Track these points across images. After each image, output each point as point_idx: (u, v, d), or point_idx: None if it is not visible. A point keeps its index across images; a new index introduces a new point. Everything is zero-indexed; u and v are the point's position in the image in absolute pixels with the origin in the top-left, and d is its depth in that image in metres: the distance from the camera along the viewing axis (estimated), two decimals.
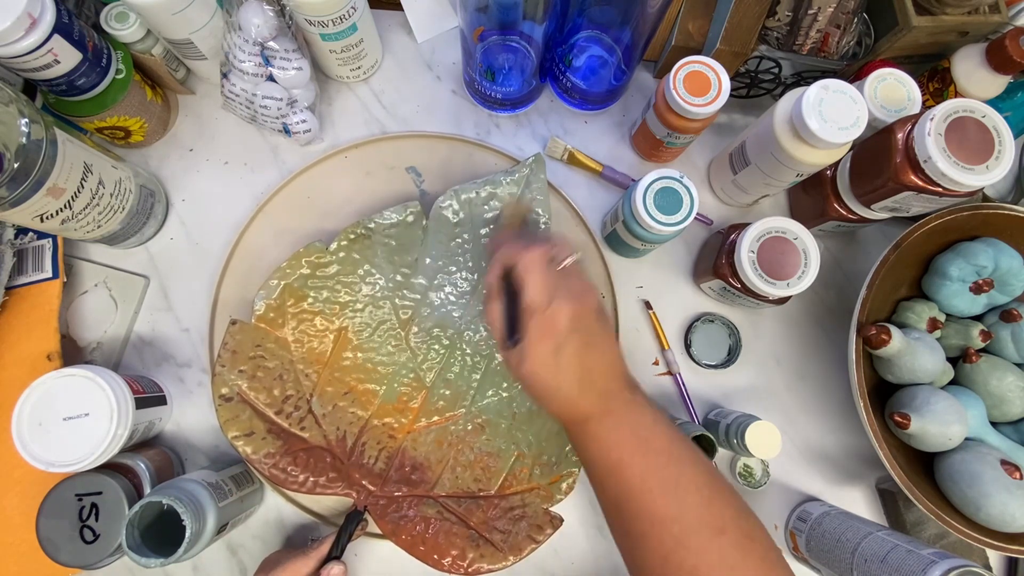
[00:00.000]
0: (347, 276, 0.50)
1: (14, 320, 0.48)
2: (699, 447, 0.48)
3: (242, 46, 0.47)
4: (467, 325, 0.51)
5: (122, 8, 0.48)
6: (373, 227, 0.50)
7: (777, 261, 0.46)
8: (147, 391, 0.47)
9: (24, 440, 0.41)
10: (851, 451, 0.55)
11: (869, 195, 0.47)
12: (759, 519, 0.36)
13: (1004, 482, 0.44)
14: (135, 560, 0.39)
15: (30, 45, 0.41)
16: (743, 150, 0.50)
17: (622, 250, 0.55)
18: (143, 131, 0.53)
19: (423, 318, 0.51)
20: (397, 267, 0.51)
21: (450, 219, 0.51)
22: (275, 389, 0.48)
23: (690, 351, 0.55)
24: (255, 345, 0.48)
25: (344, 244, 0.50)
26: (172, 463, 0.49)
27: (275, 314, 0.49)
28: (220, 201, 0.55)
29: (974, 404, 0.48)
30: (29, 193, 0.40)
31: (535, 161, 0.53)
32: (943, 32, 0.52)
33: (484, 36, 0.50)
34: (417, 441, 0.49)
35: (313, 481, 0.46)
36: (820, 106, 0.43)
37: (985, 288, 0.49)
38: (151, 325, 0.53)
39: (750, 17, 0.51)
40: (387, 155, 0.56)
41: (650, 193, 0.46)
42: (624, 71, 0.54)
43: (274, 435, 0.46)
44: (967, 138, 0.40)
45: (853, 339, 0.47)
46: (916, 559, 0.40)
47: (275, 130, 0.53)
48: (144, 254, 0.54)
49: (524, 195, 0.52)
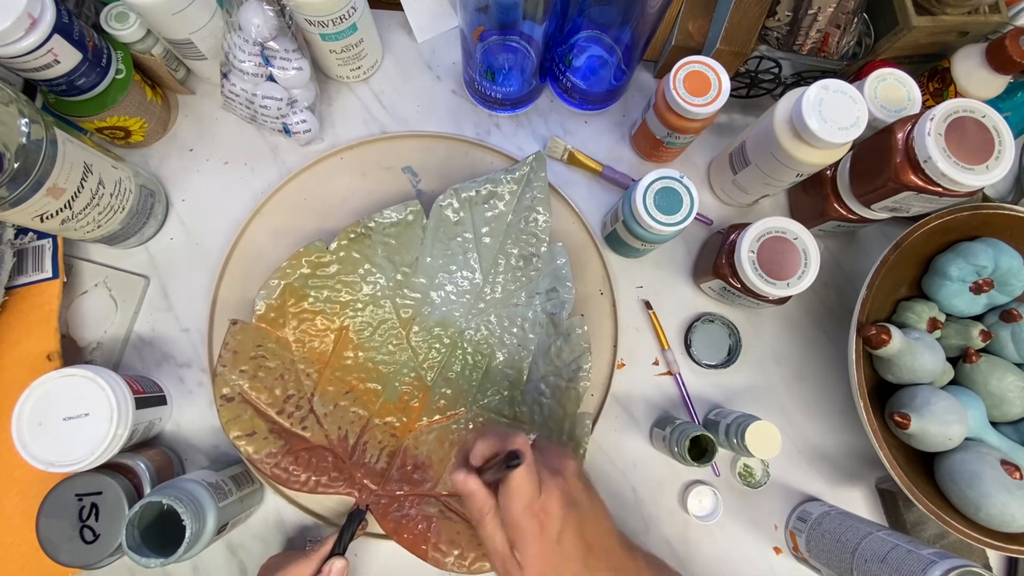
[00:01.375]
0: (348, 275, 0.50)
1: (14, 320, 0.48)
2: (697, 447, 0.48)
3: (242, 46, 0.47)
4: (468, 324, 0.51)
5: (122, 8, 0.48)
6: (373, 226, 0.50)
7: (777, 261, 0.46)
8: (147, 391, 0.47)
9: (24, 440, 0.41)
10: (851, 451, 0.55)
11: (869, 195, 0.47)
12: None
13: (1004, 482, 0.44)
14: (135, 560, 0.39)
15: (30, 45, 0.41)
16: (743, 150, 0.50)
17: (622, 250, 0.55)
18: (143, 131, 0.53)
19: (424, 317, 0.51)
20: (397, 266, 0.51)
21: (450, 218, 0.51)
22: (276, 389, 0.48)
23: (690, 351, 0.55)
24: (256, 345, 0.48)
25: (344, 243, 0.50)
26: (172, 463, 0.49)
27: (276, 314, 0.49)
28: (220, 201, 0.55)
29: (974, 404, 0.48)
30: (29, 193, 0.40)
31: (535, 159, 0.53)
32: (943, 32, 0.52)
33: (484, 36, 0.50)
34: (419, 440, 0.49)
35: (315, 480, 0.46)
36: (820, 106, 0.43)
37: (985, 288, 0.49)
38: (151, 325, 0.53)
39: (750, 17, 0.51)
40: (387, 155, 0.56)
41: (650, 193, 0.46)
42: (624, 71, 0.54)
43: (276, 435, 0.46)
44: (967, 138, 0.40)
45: (853, 339, 0.47)
46: (916, 559, 0.40)
47: (275, 130, 0.53)
48: (144, 254, 0.54)
49: (524, 194, 0.52)
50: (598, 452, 0.53)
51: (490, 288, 0.51)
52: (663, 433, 0.50)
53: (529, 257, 0.52)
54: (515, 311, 0.51)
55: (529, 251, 0.52)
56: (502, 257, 0.52)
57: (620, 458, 0.53)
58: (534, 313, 0.51)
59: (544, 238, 0.52)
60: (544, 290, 0.51)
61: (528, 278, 0.51)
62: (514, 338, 0.51)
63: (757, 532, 0.53)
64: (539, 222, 0.52)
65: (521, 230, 0.52)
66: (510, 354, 0.51)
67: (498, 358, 0.51)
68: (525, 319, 0.51)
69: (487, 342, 0.51)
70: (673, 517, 0.53)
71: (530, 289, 0.51)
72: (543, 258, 0.52)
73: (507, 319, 0.51)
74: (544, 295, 0.51)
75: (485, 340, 0.51)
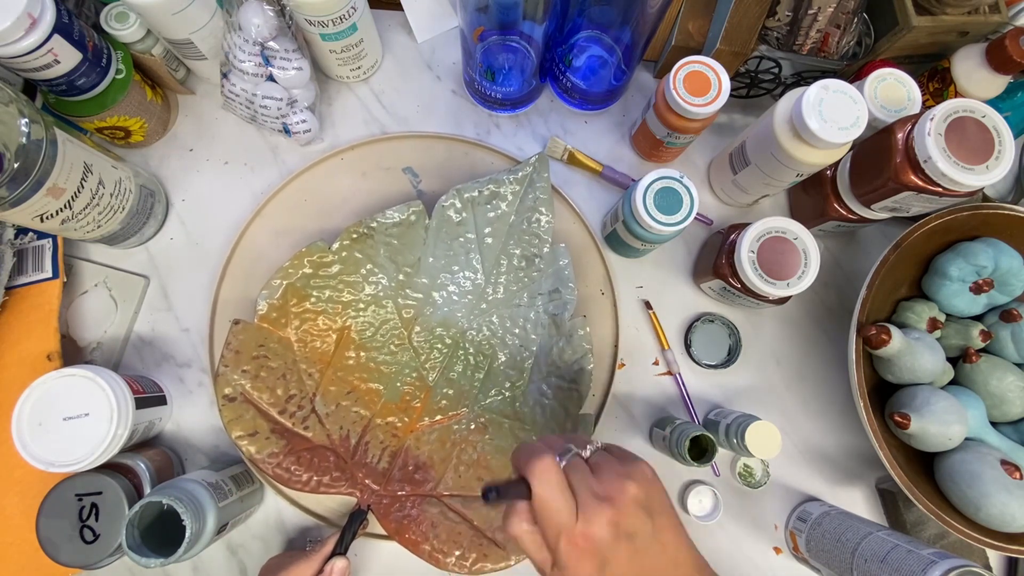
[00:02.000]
0: (350, 275, 0.50)
1: (14, 320, 0.48)
2: (697, 447, 0.48)
3: (242, 46, 0.47)
4: (470, 324, 0.51)
5: (122, 8, 0.48)
6: (375, 226, 0.50)
7: (777, 261, 0.46)
8: (147, 391, 0.47)
9: (24, 440, 0.41)
10: (851, 451, 0.55)
11: (869, 195, 0.47)
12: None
13: (1004, 482, 0.44)
14: (135, 560, 0.39)
15: (30, 45, 0.41)
16: (743, 150, 0.50)
17: (622, 250, 0.55)
18: (143, 131, 0.53)
19: (426, 317, 0.51)
20: (400, 266, 0.51)
21: (453, 218, 0.51)
22: (278, 389, 0.48)
23: (690, 351, 0.55)
24: (258, 345, 0.48)
25: (346, 243, 0.50)
26: (172, 463, 0.49)
27: (278, 314, 0.49)
28: (220, 201, 0.55)
29: (974, 404, 0.48)
30: (29, 193, 0.40)
31: (538, 160, 0.53)
32: (943, 32, 0.52)
33: (484, 36, 0.50)
34: (420, 440, 0.49)
35: (317, 480, 0.46)
36: (820, 106, 0.43)
37: (985, 288, 0.49)
38: (151, 325, 0.53)
39: (750, 17, 0.51)
40: (387, 155, 0.56)
41: (650, 193, 0.46)
42: (624, 71, 0.54)
43: (278, 435, 0.46)
44: (967, 138, 0.40)
45: (853, 339, 0.47)
46: (916, 559, 0.40)
47: (275, 130, 0.53)
48: (144, 254, 0.54)
49: (527, 194, 0.52)
50: None
51: (492, 288, 0.51)
52: (663, 433, 0.50)
53: (532, 258, 0.52)
54: (517, 312, 0.51)
55: (531, 252, 0.52)
56: (504, 258, 0.52)
57: None
58: (536, 314, 0.51)
59: (547, 239, 0.52)
60: (546, 291, 0.51)
61: (530, 279, 0.51)
62: (516, 339, 0.51)
63: (757, 532, 0.53)
64: (542, 223, 0.52)
65: (524, 231, 0.52)
66: (512, 355, 0.51)
67: (500, 358, 0.51)
68: (527, 320, 0.51)
69: (489, 342, 0.51)
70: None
71: (532, 290, 0.51)
72: (545, 259, 0.52)
73: (509, 320, 0.51)
74: (546, 296, 0.51)
75: (487, 340, 0.51)
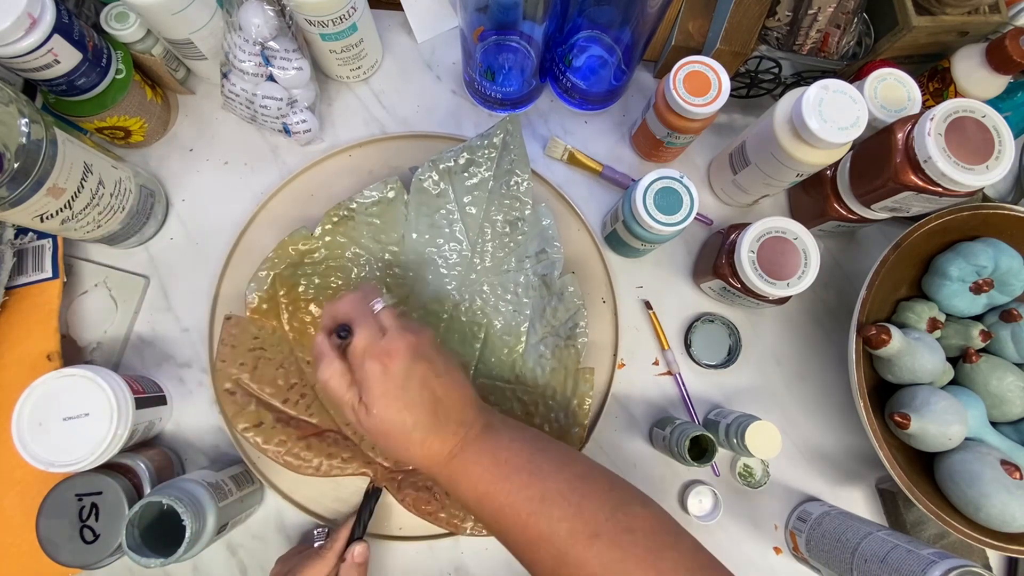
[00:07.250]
0: (336, 260, 0.50)
1: (14, 320, 0.48)
2: (697, 447, 0.48)
3: (242, 46, 0.47)
4: (462, 296, 0.51)
5: (122, 8, 0.48)
6: (355, 207, 0.50)
7: (777, 261, 0.46)
8: (147, 391, 0.47)
9: (24, 440, 0.41)
10: (851, 451, 0.55)
11: (869, 195, 0.47)
12: (645, 499, 0.35)
13: (1004, 482, 0.44)
14: (135, 560, 0.39)
15: (30, 45, 0.41)
16: (743, 150, 0.50)
17: (622, 250, 0.55)
18: (143, 131, 0.53)
19: (418, 294, 0.51)
20: (384, 245, 0.51)
21: (431, 191, 0.51)
22: (279, 379, 0.48)
23: (690, 351, 0.55)
24: (253, 337, 0.48)
25: (328, 227, 0.50)
26: (172, 463, 0.49)
27: (268, 305, 0.49)
28: (220, 201, 0.55)
29: (974, 404, 0.48)
30: (29, 193, 0.40)
31: (511, 121, 0.52)
32: (943, 32, 0.52)
33: (484, 36, 0.50)
34: None
35: (328, 464, 0.46)
36: (820, 106, 0.43)
37: (985, 288, 0.49)
38: (151, 325, 0.53)
39: (750, 17, 0.51)
40: (387, 155, 0.56)
41: (650, 193, 0.46)
42: (624, 71, 0.54)
43: (283, 423, 0.47)
44: (967, 138, 0.40)
45: (853, 339, 0.47)
46: (916, 559, 0.40)
47: (275, 130, 0.53)
48: (144, 254, 0.54)
49: (503, 158, 0.52)
50: (599, 452, 0.53)
51: (479, 257, 0.51)
52: (663, 433, 0.50)
53: (515, 222, 0.52)
54: (507, 277, 0.51)
55: (514, 215, 0.51)
56: (487, 225, 0.52)
57: (620, 458, 0.53)
58: (526, 277, 0.51)
59: (527, 200, 0.51)
60: (533, 253, 0.51)
61: (516, 243, 0.52)
62: (509, 304, 0.51)
63: (757, 532, 0.53)
64: (520, 185, 0.51)
65: (503, 195, 0.52)
66: (507, 320, 0.51)
67: (496, 326, 0.51)
68: (518, 284, 0.51)
69: (483, 311, 0.51)
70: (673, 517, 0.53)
71: (519, 254, 0.51)
72: (528, 221, 0.52)
73: (500, 286, 0.51)
74: (534, 258, 0.51)
75: (481, 309, 0.51)
